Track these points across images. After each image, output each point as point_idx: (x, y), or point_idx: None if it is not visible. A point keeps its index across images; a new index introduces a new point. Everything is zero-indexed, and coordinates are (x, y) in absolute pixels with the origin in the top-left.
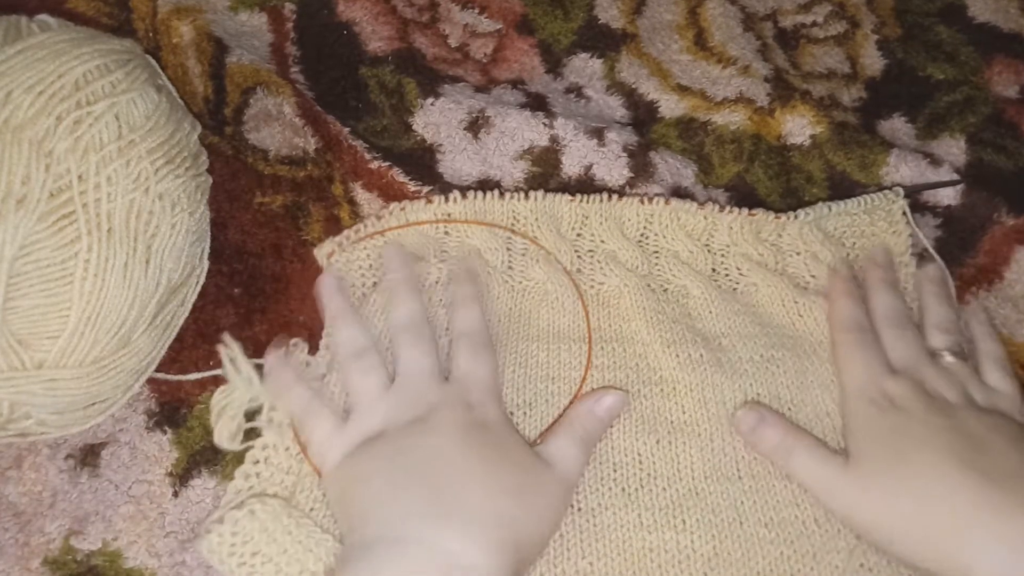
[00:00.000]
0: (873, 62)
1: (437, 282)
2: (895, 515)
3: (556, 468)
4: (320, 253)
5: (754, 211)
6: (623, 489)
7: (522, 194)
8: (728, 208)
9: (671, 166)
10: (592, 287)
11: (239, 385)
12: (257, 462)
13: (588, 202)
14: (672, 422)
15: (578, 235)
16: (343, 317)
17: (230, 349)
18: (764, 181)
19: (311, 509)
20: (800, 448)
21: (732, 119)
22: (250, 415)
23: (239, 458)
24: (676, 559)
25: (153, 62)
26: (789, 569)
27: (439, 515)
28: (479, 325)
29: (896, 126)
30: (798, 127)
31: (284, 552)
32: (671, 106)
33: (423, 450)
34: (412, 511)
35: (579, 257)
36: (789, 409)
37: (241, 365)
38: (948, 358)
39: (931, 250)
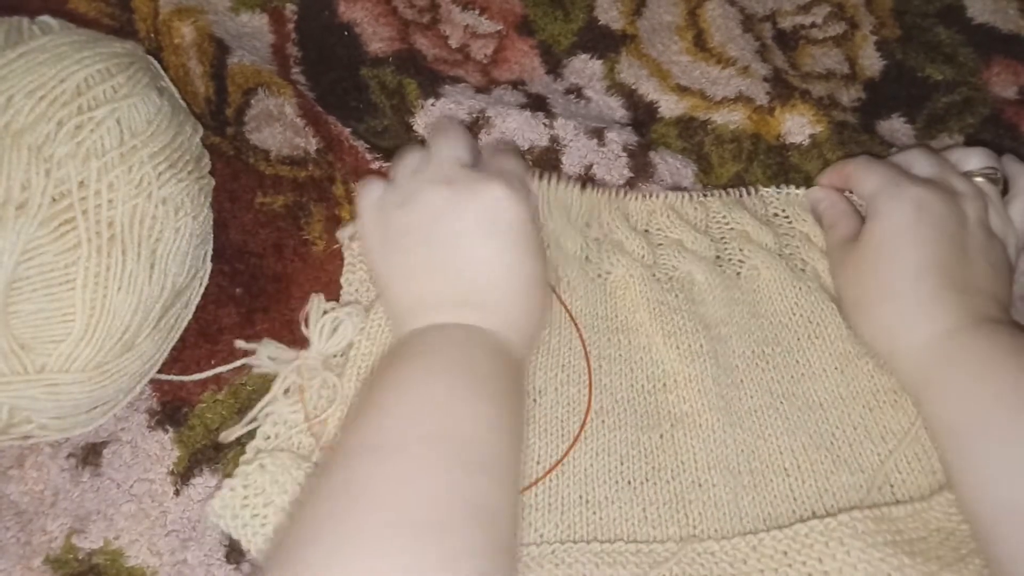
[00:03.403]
0: (872, 63)
1: None
2: (869, 285)
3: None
4: (343, 234)
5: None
6: (629, 483)
7: (536, 171)
8: (719, 192)
9: (671, 166)
10: (600, 276)
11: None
12: (268, 437)
13: (596, 194)
14: (674, 415)
15: (586, 224)
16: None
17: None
18: (763, 180)
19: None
20: (839, 228)
21: (731, 118)
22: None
23: (240, 456)
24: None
25: (156, 64)
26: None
27: (471, 304)
28: (512, 159)
29: (895, 126)
30: (797, 126)
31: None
32: (671, 106)
33: (452, 236)
34: (445, 296)
35: (587, 245)
36: (781, 402)
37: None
38: (979, 178)
39: None
